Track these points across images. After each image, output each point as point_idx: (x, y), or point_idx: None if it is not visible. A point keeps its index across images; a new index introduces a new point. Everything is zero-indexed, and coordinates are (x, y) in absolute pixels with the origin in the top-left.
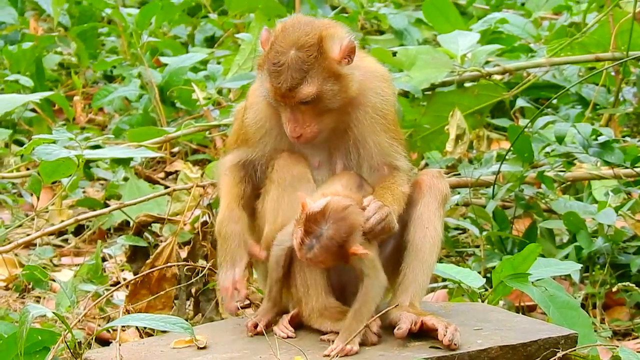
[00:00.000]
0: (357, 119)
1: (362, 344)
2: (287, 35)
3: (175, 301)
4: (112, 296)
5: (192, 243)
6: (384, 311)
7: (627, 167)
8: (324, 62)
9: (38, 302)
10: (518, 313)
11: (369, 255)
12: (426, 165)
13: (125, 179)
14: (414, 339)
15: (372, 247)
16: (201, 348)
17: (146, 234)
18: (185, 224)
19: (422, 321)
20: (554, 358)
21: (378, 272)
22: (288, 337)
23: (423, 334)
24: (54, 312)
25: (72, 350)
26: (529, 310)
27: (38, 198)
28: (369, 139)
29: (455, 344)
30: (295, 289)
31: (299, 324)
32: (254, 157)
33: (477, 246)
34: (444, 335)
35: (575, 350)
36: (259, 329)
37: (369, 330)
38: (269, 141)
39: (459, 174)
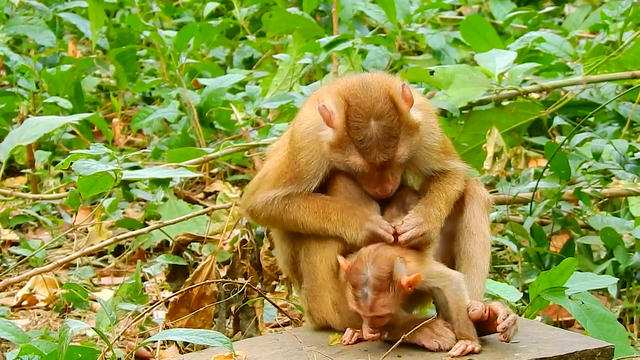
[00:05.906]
0: (413, 156)
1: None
2: (358, 107)
3: (215, 319)
4: (152, 315)
5: (231, 262)
6: (421, 324)
7: None
8: (403, 120)
9: None
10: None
11: (421, 278)
12: None
13: (165, 200)
14: None
15: (425, 262)
16: None
17: (186, 253)
18: (224, 243)
19: (489, 307)
20: None
21: (447, 276)
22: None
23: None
24: (93, 328)
25: None
26: (566, 325)
27: (76, 213)
28: (422, 168)
29: (508, 333)
30: None
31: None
32: (301, 190)
33: (515, 262)
34: (503, 320)
35: None
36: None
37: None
38: (320, 177)
39: (497, 192)
